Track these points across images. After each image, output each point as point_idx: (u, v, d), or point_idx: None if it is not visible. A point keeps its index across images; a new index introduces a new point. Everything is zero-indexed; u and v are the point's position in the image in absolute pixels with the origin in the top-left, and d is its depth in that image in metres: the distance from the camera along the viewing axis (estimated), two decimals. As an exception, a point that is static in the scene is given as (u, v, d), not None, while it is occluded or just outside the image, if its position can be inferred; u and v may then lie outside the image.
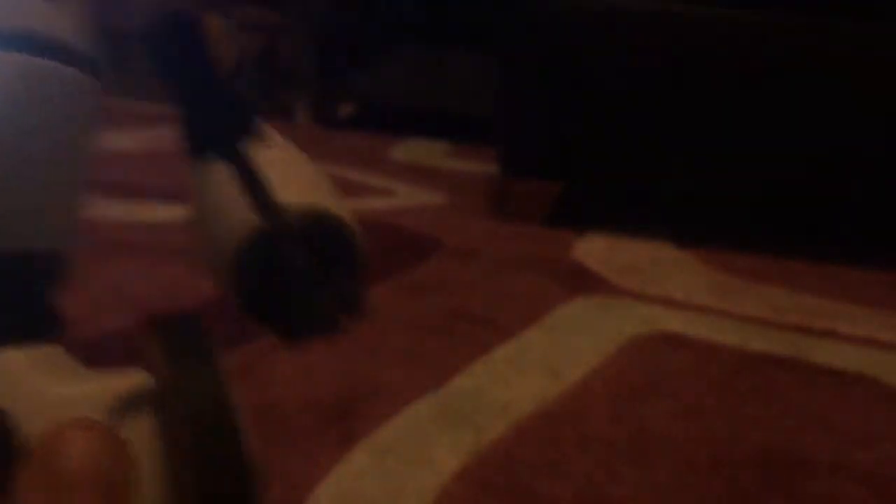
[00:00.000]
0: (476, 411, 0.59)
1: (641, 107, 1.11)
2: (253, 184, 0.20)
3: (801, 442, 0.60)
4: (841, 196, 1.11)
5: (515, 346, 0.72)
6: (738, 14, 1.07)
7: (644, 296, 0.88)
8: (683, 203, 1.23)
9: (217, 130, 0.21)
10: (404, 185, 1.33)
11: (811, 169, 1.09)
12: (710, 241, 1.09)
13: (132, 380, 0.18)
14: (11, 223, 0.17)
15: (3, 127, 0.16)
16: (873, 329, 0.83)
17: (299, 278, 0.19)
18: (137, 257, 0.85)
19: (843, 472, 0.56)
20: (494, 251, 1.01)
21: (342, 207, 0.21)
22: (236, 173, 0.20)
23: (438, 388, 0.62)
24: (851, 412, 0.65)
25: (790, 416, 0.63)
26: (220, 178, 0.21)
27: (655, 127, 1.12)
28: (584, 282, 0.91)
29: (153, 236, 0.92)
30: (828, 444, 0.60)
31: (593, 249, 1.05)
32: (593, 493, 0.51)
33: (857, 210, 1.12)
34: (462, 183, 1.39)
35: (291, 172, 0.21)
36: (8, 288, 0.17)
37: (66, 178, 0.18)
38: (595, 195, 1.25)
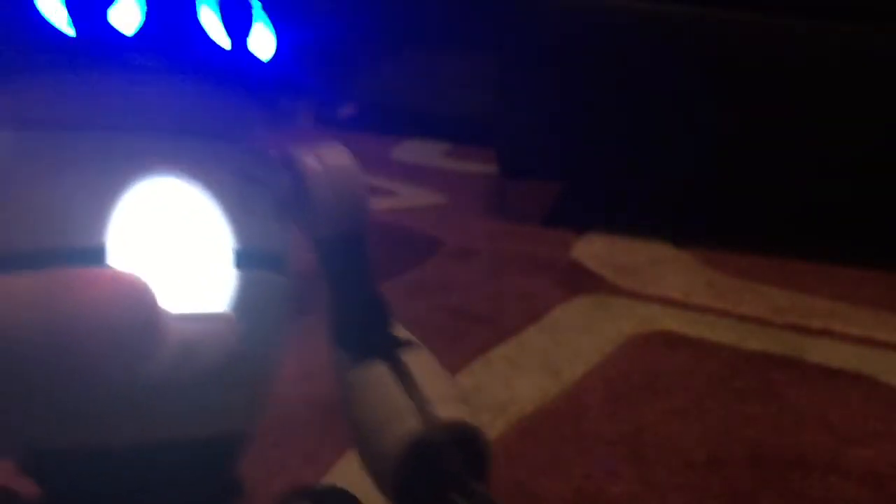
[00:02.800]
0: (476, 410, 0.60)
1: (641, 107, 1.12)
2: (411, 389, 0.23)
3: (798, 440, 0.60)
4: (838, 196, 1.12)
5: (515, 346, 0.73)
6: (738, 15, 1.07)
7: (643, 295, 0.89)
8: (682, 203, 1.23)
9: (373, 331, 0.24)
10: (404, 185, 1.34)
11: (809, 169, 1.10)
12: (708, 241, 1.09)
13: None
14: (232, 410, 0.20)
15: (248, 330, 0.19)
16: (870, 328, 0.83)
17: (457, 485, 0.22)
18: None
19: (840, 470, 0.56)
20: (494, 251, 1.01)
21: (474, 413, 0.23)
22: (394, 376, 0.23)
23: (438, 387, 0.63)
24: (848, 411, 0.65)
25: (787, 415, 0.64)
26: (376, 379, 0.23)
27: (655, 127, 1.12)
28: (583, 281, 0.92)
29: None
30: (825, 443, 0.60)
31: (592, 249, 1.05)
32: (592, 491, 0.52)
33: (854, 210, 1.13)
34: (462, 183, 1.40)
35: (434, 377, 0.23)
36: (214, 462, 0.20)
37: (272, 370, 0.21)
38: (595, 195, 1.26)
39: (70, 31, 0.17)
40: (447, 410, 0.23)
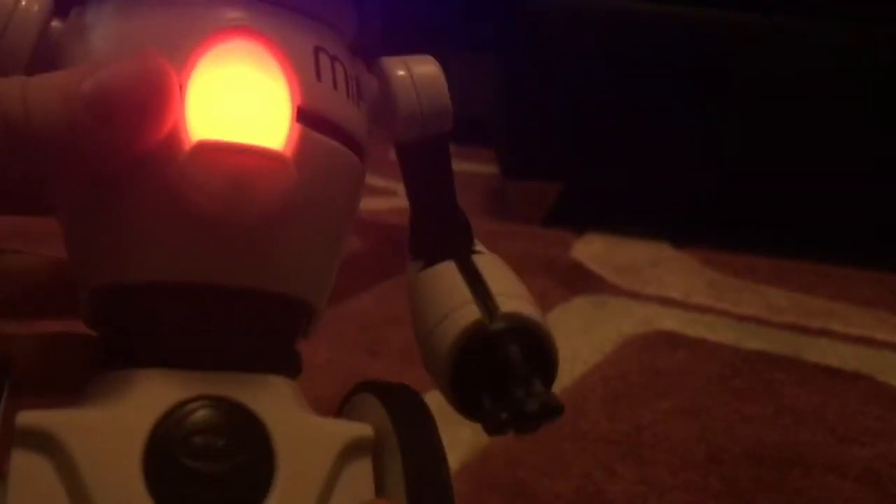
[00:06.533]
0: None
1: (641, 107, 1.12)
2: (476, 284, 0.23)
3: (796, 440, 0.60)
4: (837, 196, 1.12)
5: (515, 346, 0.73)
6: (738, 16, 1.08)
7: (642, 295, 0.89)
8: (681, 203, 1.24)
9: (448, 237, 0.25)
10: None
11: (808, 169, 1.10)
12: (708, 241, 1.10)
13: (363, 428, 0.21)
14: (300, 275, 0.21)
15: (308, 192, 0.19)
16: (869, 328, 0.83)
17: (517, 372, 0.21)
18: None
19: (838, 469, 0.57)
20: (494, 251, 1.01)
21: (542, 316, 0.23)
22: (460, 272, 0.23)
23: (439, 387, 0.63)
24: (847, 410, 0.65)
25: (786, 415, 0.64)
26: (442, 276, 0.24)
27: (655, 127, 1.13)
28: (582, 281, 0.92)
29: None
30: (823, 442, 0.60)
31: (592, 249, 1.05)
32: (591, 490, 0.52)
33: (853, 210, 1.13)
34: (462, 183, 1.39)
35: (502, 277, 0.24)
36: (281, 324, 0.21)
37: (339, 246, 0.22)
38: (595, 195, 1.26)
39: None
40: (510, 305, 0.23)
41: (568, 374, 0.68)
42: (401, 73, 0.23)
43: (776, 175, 1.11)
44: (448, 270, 0.24)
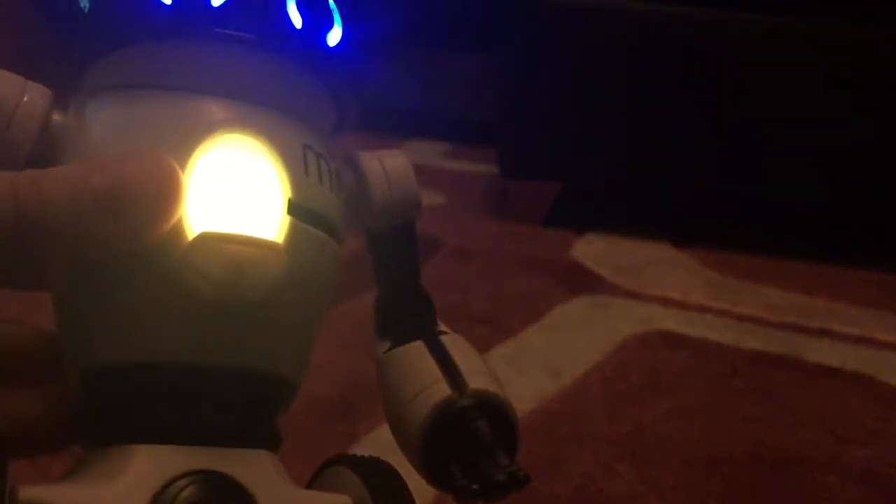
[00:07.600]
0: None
1: (641, 107, 1.12)
2: (444, 363, 0.25)
3: (797, 440, 0.60)
4: (837, 196, 1.12)
5: (515, 346, 0.73)
6: (738, 16, 1.08)
7: (642, 295, 0.89)
8: (681, 203, 1.24)
9: (414, 318, 0.27)
10: (404, 185, 1.33)
11: (808, 169, 1.10)
12: (707, 242, 1.10)
13: (344, 500, 0.22)
14: (285, 354, 0.23)
15: (296, 278, 0.21)
16: (868, 328, 0.83)
17: (485, 445, 0.23)
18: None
19: (838, 470, 0.57)
20: (494, 251, 1.01)
21: (505, 392, 0.25)
22: (429, 352, 0.25)
23: (439, 387, 0.63)
24: (847, 410, 0.66)
25: (786, 415, 0.64)
26: (412, 355, 0.26)
27: (655, 127, 1.13)
28: (583, 281, 0.92)
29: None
30: (823, 443, 0.60)
31: (592, 249, 1.05)
32: (592, 490, 0.52)
33: (853, 210, 1.13)
34: (462, 183, 1.40)
35: (468, 356, 0.26)
36: (266, 401, 0.23)
37: (316, 328, 0.24)
38: (595, 195, 1.26)
39: (167, 1, 0.20)
40: (478, 382, 0.24)
41: (568, 374, 0.68)
42: (375, 167, 0.26)
43: (776, 175, 1.11)
44: (418, 350, 0.26)
